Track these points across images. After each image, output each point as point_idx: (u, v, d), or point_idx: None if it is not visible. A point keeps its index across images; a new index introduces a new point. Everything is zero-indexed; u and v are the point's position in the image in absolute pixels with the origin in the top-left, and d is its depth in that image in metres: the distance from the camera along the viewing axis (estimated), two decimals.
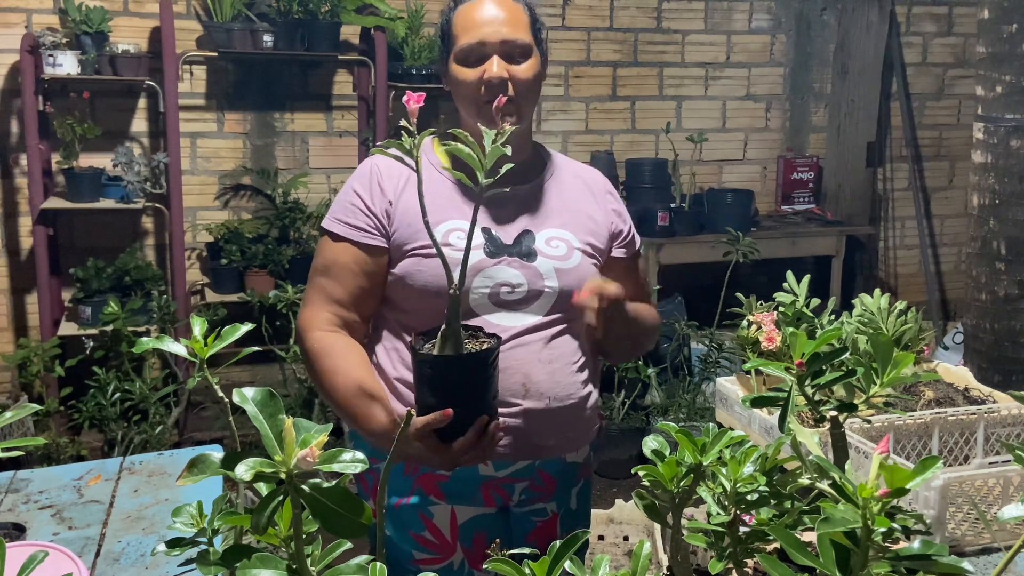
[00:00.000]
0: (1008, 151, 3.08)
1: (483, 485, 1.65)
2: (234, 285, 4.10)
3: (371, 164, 1.70)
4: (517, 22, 1.64)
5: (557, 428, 1.66)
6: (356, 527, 0.80)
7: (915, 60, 5.33)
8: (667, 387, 4.22)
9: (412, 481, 1.64)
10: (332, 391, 1.62)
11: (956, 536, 1.56)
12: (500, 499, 1.67)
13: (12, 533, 1.72)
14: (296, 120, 4.36)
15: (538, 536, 1.71)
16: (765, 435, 1.85)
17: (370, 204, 1.66)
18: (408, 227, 1.63)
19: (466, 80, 1.63)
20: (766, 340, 1.84)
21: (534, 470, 1.67)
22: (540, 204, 1.71)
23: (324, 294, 1.67)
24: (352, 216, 1.67)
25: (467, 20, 1.63)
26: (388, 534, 1.66)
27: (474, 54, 1.62)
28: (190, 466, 0.83)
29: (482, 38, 1.61)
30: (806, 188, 5.18)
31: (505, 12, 1.64)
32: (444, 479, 1.62)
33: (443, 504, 1.64)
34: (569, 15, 4.73)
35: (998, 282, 3.16)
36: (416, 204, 1.51)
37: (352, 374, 1.60)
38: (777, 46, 5.14)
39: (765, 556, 0.85)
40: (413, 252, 1.63)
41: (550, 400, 1.63)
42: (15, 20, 3.91)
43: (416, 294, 1.63)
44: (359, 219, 1.66)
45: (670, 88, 4.97)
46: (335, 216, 1.69)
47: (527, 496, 1.69)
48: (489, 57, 1.61)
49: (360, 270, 1.66)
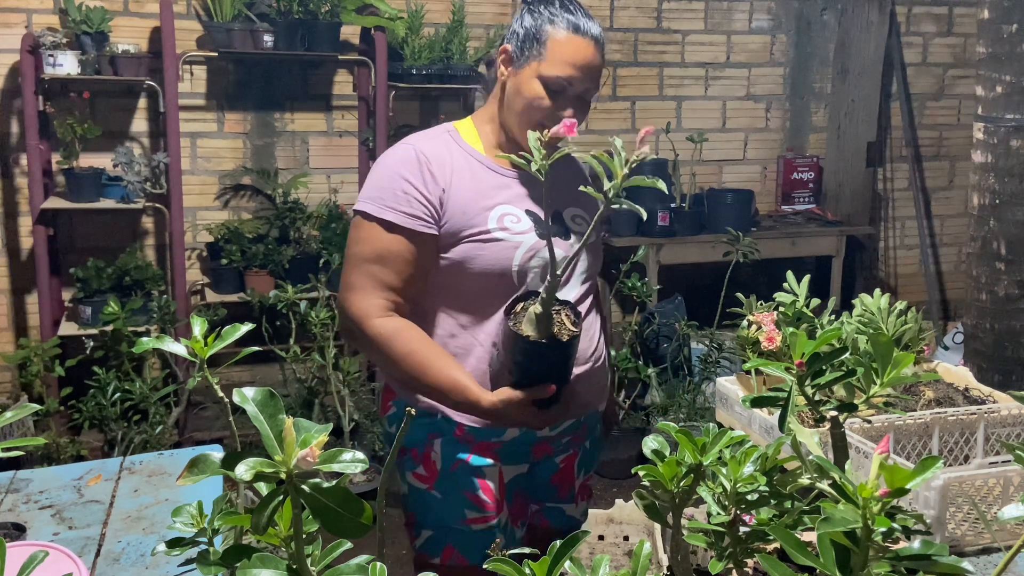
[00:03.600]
0: (1008, 151, 3.08)
1: (535, 446, 1.81)
2: (234, 285, 4.10)
3: (414, 151, 1.73)
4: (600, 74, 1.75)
5: (596, 385, 1.86)
6: (356, 527, 0.80)
7: (915, 60, 5.33)
8: (667, 387, 4.22)
9: (470, 447, 1.75)
10: (420, 370, 1.68)
11: (956, 536, 1.56)
12: (544, 454, 1.85)
13: (12, 533, 1.72)
14: (296, 120, 4.36)
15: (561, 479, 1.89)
16: (765, 435, 1.85)
17: (425, 192, 1.69)
18: (463, 214, 1.71)
19: (540, 105, 1.70)
20: (766, 340, 1.84)
21: (580, 424, 1.87)
22: (560, 185, 1.80)
23: (376, 280, 1.70)
24: (406, 204, 1.69)
25: (568, 53, 1.69)
26: (438, 496, 1.79)
27: (558, 86, 1.70)
28: (190, 466, 0.83)
29: (576, 80, 1.70)
30: (806, 188, 5.18)
31: (598, 59, 1.73)
32: (499, 445, 1.76)
33: (496, 465, 1.77)
34: None
35: (998, 282, 3.15)
36: (467, 190, 1.72)
37: (433, 351, 1.69)
38: (777, 46, 5.14)
39: (765, 556, 0.85)
40: (469, 238, 1.70)
41: (593, 363, 1.81)
42: (15, 20, 3.91)
43: (473, 278, 1.71)
44: (415, 207, 1.69)
45: (670, 88, 4.97)
46: (386, 204, 1.70)
47: (564, 446, 1.87)
48: (570, 95, 1.71)
49: (414, 258, 1.70)
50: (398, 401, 1.83)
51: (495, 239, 1.70)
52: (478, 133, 1.81)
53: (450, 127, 1.82)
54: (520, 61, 1.72)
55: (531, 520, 1.92)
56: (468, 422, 1.74)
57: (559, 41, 1.69)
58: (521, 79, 1.71)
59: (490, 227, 1.70)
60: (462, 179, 1.72)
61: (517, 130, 1.74)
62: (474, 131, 1.81)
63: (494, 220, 1.71)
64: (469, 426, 1.74)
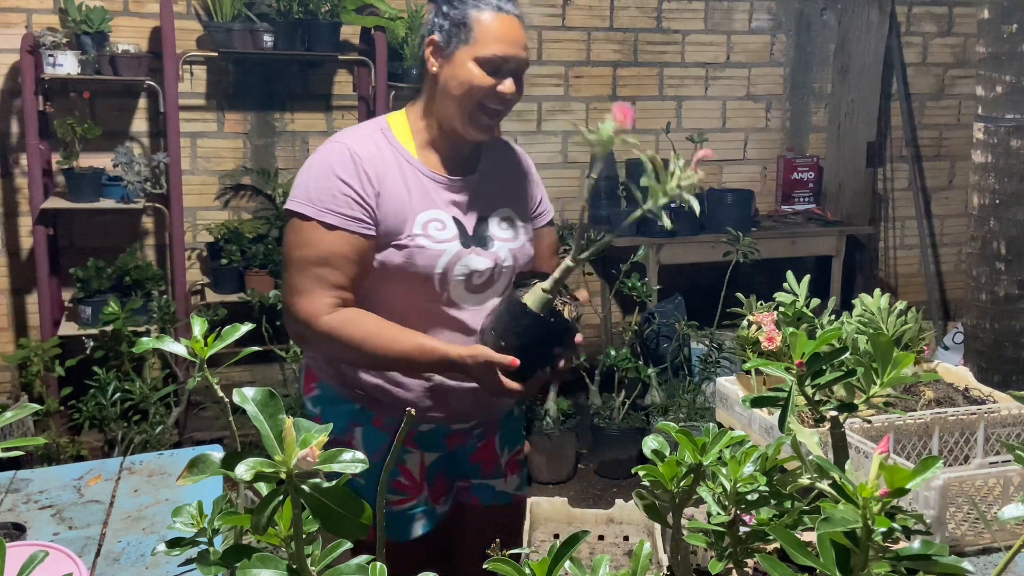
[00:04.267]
0: (1008, 151, 3.08)
1: (449, 437, 1.88)
2: (234, 285, 4.09)
3: (348, 151, 1.73)
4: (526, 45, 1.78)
5: None
6: (356, 527, 0.80)
7: (915, 60, 5.33)
8: (667, 387, 4.22)
9: (389, 435, 1.79)
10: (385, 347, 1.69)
11: (956, 536, 1.56)
12: (458, 443, 1.91)
13: (12, 533, 1.72)
14: (296, 120, 4.36)
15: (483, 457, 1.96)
16: (765, 435, 1.85)
17: (362, 193, 1.70)
18: (396, 217, 1.72)
19: (480, 85, 1.72)
20: (766, 340, 1.84)
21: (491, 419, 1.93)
22: (489, 188, 1.85)
23: (323, 281, 1.70)
24: (346, 207, 1.70)
25: (497, 31, 1.72)
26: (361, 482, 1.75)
27: (493, 65, 1.72)
28: (190, 466, 0.83)
29: (511, 55, 1.73)
30: (806, 188, 5.18)
31: (523, 34, 1.76)
32: (415, 433, 1.82)
33: (416, 452, 1.85)
34: (569, 15, 4.73)
35: (998, 282, 3.15)
36: (397, 195, 1.73)
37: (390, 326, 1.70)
38: (777, 46, 5.14)
39: (765, 556, 0.85)
40: (394, 243, 1.72)
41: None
42: (15, 20, 3.91)
43: (398, 282, 1.73)
44: (354, 210, 1.70)
45: (670, 88, 4.97)
46: (325, 206, 1.70)
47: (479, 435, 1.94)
48: (505, 72, 1.73)
49: (359, 258, 1.72)
50: (321, 383, 1.86)
51: (419, 246, 1.72)
52: (411, 130, 1.81)
53: (383, 123, 1.82)
54: (450, 49, 1.73)
55: (461, 497, 1.98)
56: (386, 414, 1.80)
57: (486, 23, 1.71)
58: (455, 66, 1.72)
59: (415, 232, 1.72)
60: (393, 182, 1.74)
61: (457, 117, 1.74)
62: (407, 128, 1.81)
63: (419, 226, 1.73)
64: (387, 418, 1.79)
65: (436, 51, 1.75)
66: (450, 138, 1.79)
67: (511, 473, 2.01)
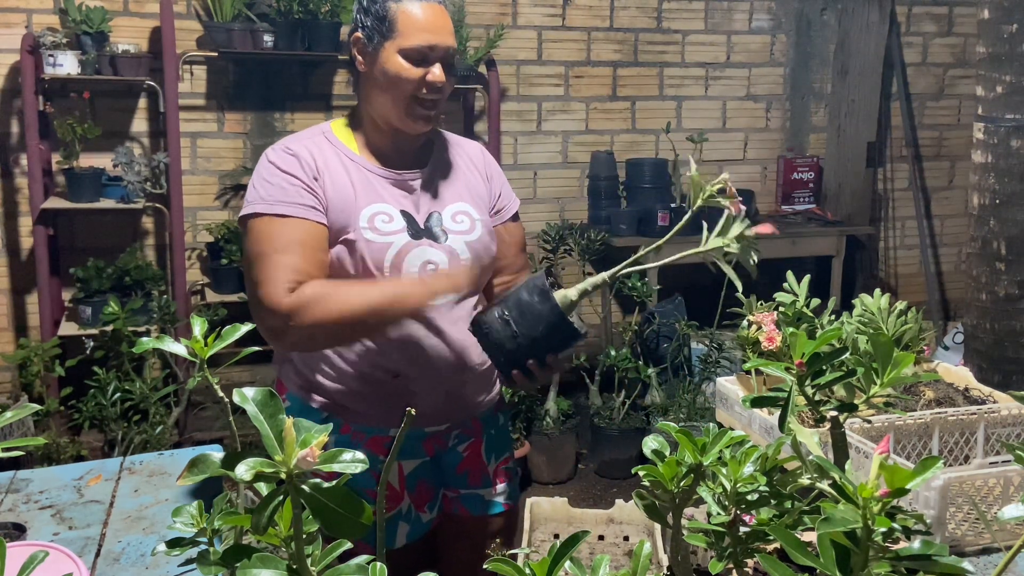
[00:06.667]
0: (1008, 151, 3.08)
1: (425, 441, 1.84)
2: (234, 285, 4.10)
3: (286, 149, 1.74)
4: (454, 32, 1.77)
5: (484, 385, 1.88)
6: (356, 527, 0.80)
7: (915, 60, 5.33)
8: (667, 387, 4.22)
9: (361, 446, 1.76)
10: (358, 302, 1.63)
11: (956, 536, 1.56)
12: (438, 448, 1.87)
13: (12, 533, 1.72)
14: (296, 120, 4.36)
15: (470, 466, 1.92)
16: (765, 435, 1.85)
17: (308, 182, 1.70)
18: (341, 212, 1.71)
19: (409, 77, 1.71)
20: (766, 340, 1.84)
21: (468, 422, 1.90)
22: (441, 182, 1.83)
23: (283, 268, 1.65)
24: (297, 196, 1.69)
25: (418, 21, 1.70)
26: None
27: (420, 55, 1.70)
28: (190, 466, 0.83)
29: (434, 43, 1.70)
30: (806, 188, 5.19)
31: (448, 21, 1.75)
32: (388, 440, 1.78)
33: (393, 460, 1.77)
34: (569, 15, 4.73)
35: (998, 282, 3.15)
36: (341, 188, 1.71)
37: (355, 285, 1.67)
38: (777, 46, 5.14)
39: (765, 556, 0.85)
40: (341, 236, 1.70)
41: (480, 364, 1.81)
42: (15, 20, 3.91)
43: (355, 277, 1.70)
44: (305, 198, 1.70)
45: (670, 88, 4.97)
46: (276, 199, 1.69)
47: (459, 439, 1.90)
48: (432, 60, 1.71)
49: (317, 244, 1.70)
50: (290, 394, 1.86)
51: (365, 239, 1.70)
52: (352, 134, 1.81)
53: (325, 128, 1.82)
54: (374, 45, 1.72)
55: (450, 508, 1.95)
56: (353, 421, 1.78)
57: (408, 13, 1.70)
58: (382, 61, 1.71)
59: (361, 226, 1.70)
60: (337, 174, 1.73)
61: (393, 112, 1.73)
62: (347, 130, 1.81)
63: (365, 219, 1.71)
64: (356, 425, 1.78)
65: (361, 49, 1.75)
66: (391, 134, 1.78)
67: (500, 482, 1.97)
